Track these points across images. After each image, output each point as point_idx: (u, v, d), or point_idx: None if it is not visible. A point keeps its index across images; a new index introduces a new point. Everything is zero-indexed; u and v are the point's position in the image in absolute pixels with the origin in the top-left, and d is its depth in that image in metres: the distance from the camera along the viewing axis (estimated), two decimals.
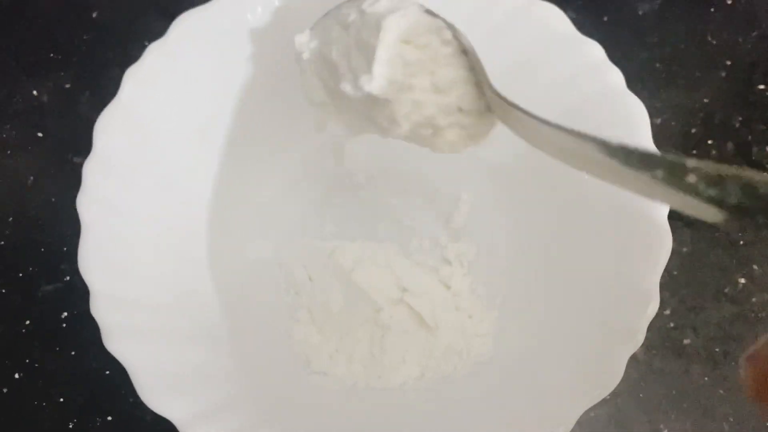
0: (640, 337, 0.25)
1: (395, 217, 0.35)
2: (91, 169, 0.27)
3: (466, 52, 0.24)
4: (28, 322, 0.35)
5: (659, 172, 0.17)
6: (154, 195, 0.30)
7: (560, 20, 0.30)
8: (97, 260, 0.26)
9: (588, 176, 0.30)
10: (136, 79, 0.29)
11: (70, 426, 0.33)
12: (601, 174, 0.20)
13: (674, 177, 0.16)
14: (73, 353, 0.34)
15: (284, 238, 0.35)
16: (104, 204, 0.27)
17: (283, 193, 0.36)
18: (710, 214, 0.16)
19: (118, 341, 0.25)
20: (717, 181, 0.15)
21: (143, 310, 0.27)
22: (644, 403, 0.34)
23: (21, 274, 0.36)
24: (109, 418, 0.33)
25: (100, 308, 0.25)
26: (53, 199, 0.37)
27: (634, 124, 0.28)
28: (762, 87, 0.41)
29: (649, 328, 0.35)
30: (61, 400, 0.33)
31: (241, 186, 0.33)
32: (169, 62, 0.29)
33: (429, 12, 0.25)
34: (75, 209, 0.27)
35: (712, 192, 0.16)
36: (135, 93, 0.28)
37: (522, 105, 0.32)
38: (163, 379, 0.25)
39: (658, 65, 0.42)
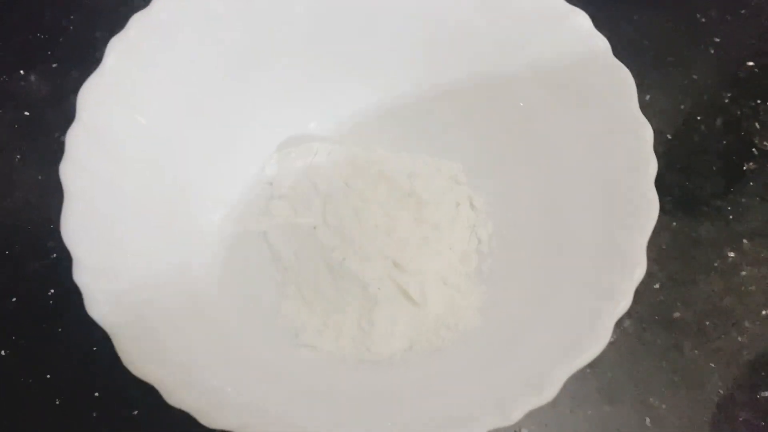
0: (627, 301, 0.25)
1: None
2: (75, 137, 0.27)
3: None
4: (14, 299, 0.35)
5: None
6: (141, 166, 0.29)
7: None
8: (81, 228, 0.26)
9: (578, 144, 0.30)
10: (120, 48, 0.28)
11: (57, 402, 0.33)
12: None
13: None
14: (60, 330, 0.34)
15: (269, 215, 0.34)
16: (87, 172, 0.27)
17: (268, 170, 0.35)
18: None
19: (100, 307, 0.24)
20: None
21: (127, 279, 0.27)
22: (634, 376, 0.34)
23: (8, 252, 0.36)
24: (96, 394, 0.33)
25: (82, 275, 0.25)
26: (40, 177, 0.37)
27: (621, 90, 0.28)
28: (751, 63, 0.41)
29: (639, 302, 0.35)
30: (48, 376, 0.33)
31: (226, 159, 0.33)
32: (153, 32, 0.29)
33: None
34: (61, 187, 0.26)
35: None
36: (120, 62, 0.28)
37: (510, 75, 0.32)
38: (147, 345, 0.25)
39: (646, 42, 0.42)
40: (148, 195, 0.29)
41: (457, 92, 0.34)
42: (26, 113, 0.39)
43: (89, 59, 0.39)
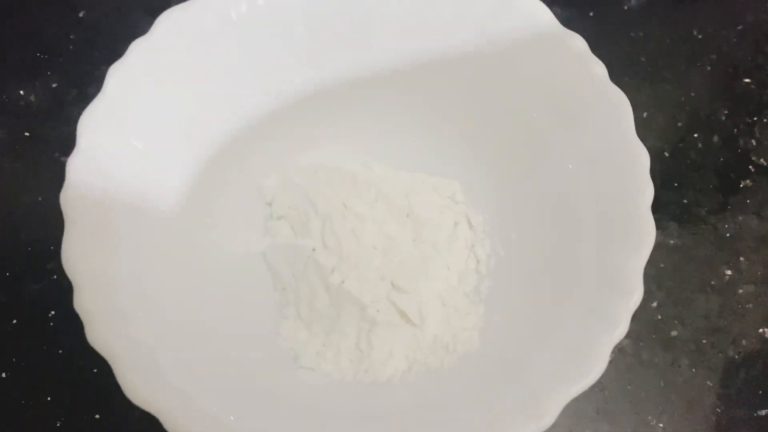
0: (625, 327, 0.25)
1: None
2: (75, 165, 0.27)
3: None
4: (15, 321, 0.35)
5: None
6: (140, 192, 0.29)
7: (543, 13, 0.30)
8: (80, 256, 0.26)
9: (574, 169, 0.30)
10: (120, 76, 0.28)
11: (58, 425, 0.33)
12: None
13: None
14: (60, 351, 0.34)
15: (268, 236, 0.35)
16: (88, 200, 0.27)
17: (267, 191, 0.35)
18: None
19: (100, 335, 0.25)
20: None
21: (127, 305, 0.27)
22: (632, 395, 0.34)
23: (8, 273, 0.36)
24: (97, 416, 0.33)
25: (83, 302, 0.25)
26: (40, 199, 0.37)
27: (617, 115, 0.28)
28: (747, 80, 0.41)
29: (637, 321, 0.35)
30: (49, 398, 0.33)
31: (224, 180, 0.33)
32: (153, 58, 0.29)
33: None
34: (62, 210, 0.26)
35: None
36: (119, 89, 0.28)
37: (507, 97, 0.32)
38: (146, 373, 0.25)
39: (643, 59, 0.42)
40: (148, 221, 0.29)
41: (455, 112, 0.35)
42: (26, 133, 0.39)
43: (89, 79, 0.40)
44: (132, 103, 0.29)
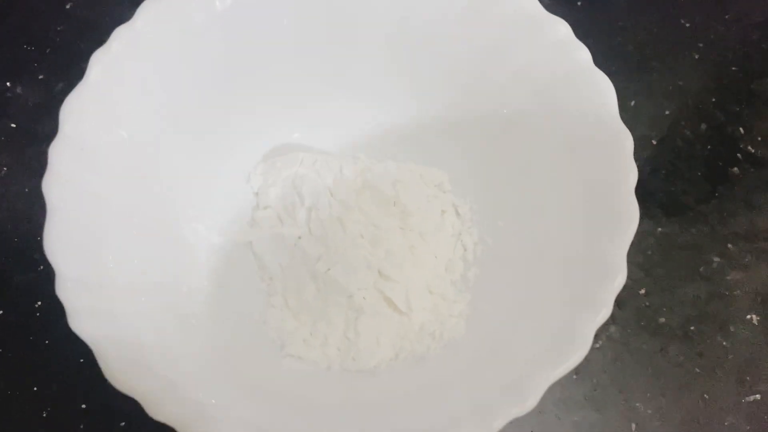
0: (608, 310, 0.25)
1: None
2: (58, 151, 0.27)
3: None
4: (1, 312, 0.35)
5: None
6: (124, 179, 0.29)
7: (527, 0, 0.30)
8: (63, 242, 0.26)
9: (560, 153, 0.30)
10: (103, 62, 0.28)
11: (44, 415, 0.33)
12: None
13: None
14: (46, 342, 0.34)
15: (254, 225, 0.34)
16: (71, 187, 0.27)
17: (253, 181, 0.35)
18: None
19: (82, 321, 0.25)
20: None
21: (111, 292, 0.27)
22: (620, 382, 0.34)
23: None
24: (84, 406, 0.33)
25: (65, 289, 0.25)
26: (26, 190, 0.37)
27: (601, 99, 0.28)
28: (735, 68, 0.41)
29: (625, 308, 0.35)
30: (35, 389, 0.33)
31: (211, 170, 0.33)
32: (135, 46, 0.29)
33: None
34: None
35: None
36: (102, 75, 0.28)
37: (492, 84, 0.32)
38: (130, 359, 0.25)
39: (631, 48, 0.42)
40: (131, 208, 0.29)
41: (441, 101, 0.34)
42: (12, 125, 0.39)
43: (76, 71, 0.39)
44: (116, 90, 0.29)
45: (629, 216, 0.26)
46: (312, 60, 0.34)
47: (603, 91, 0.28)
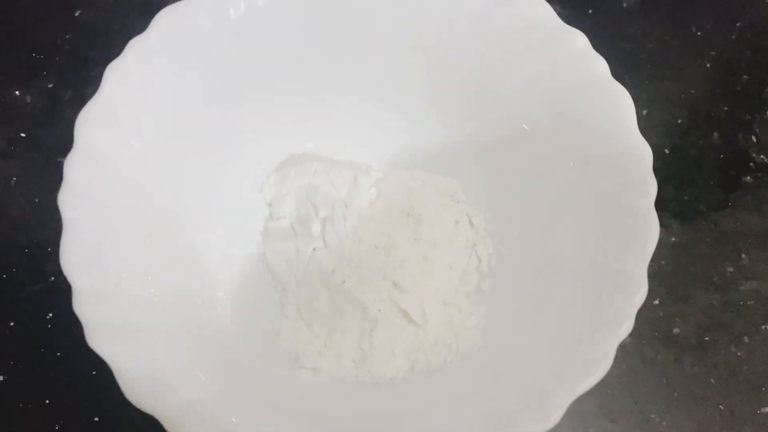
0: (629, 325, 0.25)
1: None
2: (73, 165, 0.27)
3: None
4: (12, 324, 0.34)
5: None
6: (139, 191, 0.29)
7: (544, 10, 0.30)
8: (80, 257, 0.26)
9: (577, 166, 0.30)
10: (117, 74, 0.28)
11: (57, 428, 0.33)
12: None
13: None
14: (58, 354, 0.34)
15: (268, 236, 0.34)
16: (86, 200, 0.27)
17: (267, 192, 0.35)
18: None
19: (101, 338, 0.24)
20: None
21: (127, 307, 0.26)
22: (634, 393, 0.34)
23: (5, 275, 0.35)
24: (96, 419, 0.33)
25: (82, 305, 0.25)
26: (37, 200, 0.37)
27: (619, 111, 0.28)
28: (747, 77, 0.41)
29: (639, 318, 0.35)
30: (47, 401, 0.33)
31: (224, 181, 0.33)
32: (150, 57, 0.29)
33: None
34: (58, 209, 0.26)
35: None
36: (117, 88, 0.28)
37: (507, 94, 0.32)
38: (148, 376, 0.25)
39: (642, 57, 0.42)
40: (146, 220, 0.29)
41: (455, 110, 0.34)
42: (22, 134, 0.39)
43: (85, 79, 0.39)
44: (130, 102, 0.29)
45: (649, 230, 0.26)
46: (325, 69, 0.34)
47: (621, 103, 0.28)
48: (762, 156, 0.39)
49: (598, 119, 0.29)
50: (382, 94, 0.35)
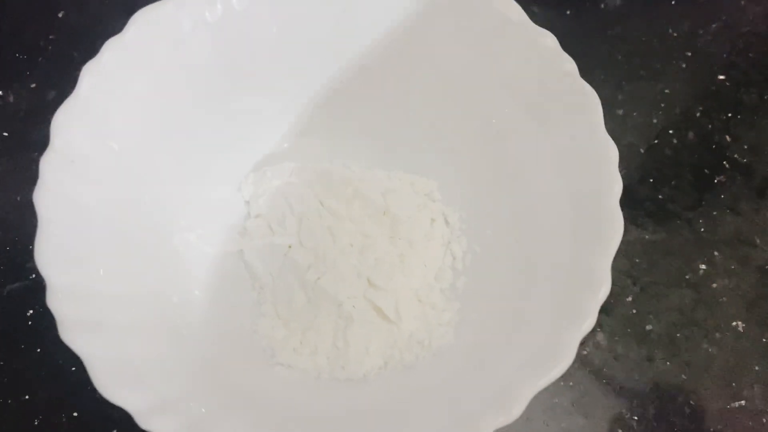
0: (592, 320, 0.26)
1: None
2: (49, 163, 0.27)
3: None
4: None
5: None
6: (115, 190, 0.30)
7: (514, 11, 0.30)
8: (55, 253, 0.26)
9: (545, 164, 0.31)
10: (94, 74, 0.29)
11: (36, 423, 0.33)
12: None
13: None
14: (38, 350, 0.34)
15: (245, 235, 0.35)
16: (62, 198, 0.27)
17: (244, 190, 0.36)
18: None
19: (73, 332, 0.25)
20: None
21: (102, 303, 0.27)
22: (607, 389, 0.34)
23: None
24: (75, 414, 0.33)
25: (56, 301, 0.25)
26: (18, 198, 0.37)
27: (586, 111, 0.29)
28: (722, 77, 0.42)
29: (612, 315, 0.36)
30: (27, 397, 0.34)
31: (201, 180, 0.34)
32: (126, 57, 0.29)
33: None
34: None
35: None
36: (93, 88, 0.29)
37: (480, 95, 0.32)
38: (121, 371, 0.25)
39: (619, 57, 0.42)
40: (122, 219, 0.30)
41: (431, 110, 0.35)
42: (5, 133, 0.39)
43: (68, 80, 0.39)
44: (106, 102, 0.29)
45: (614, 227, 0.27)
46: (301, 70, 0.34)
47: (589, 102, 0.29)
48: (736, 156, 0.40)
49: (567, 118, 0.29)
50: (357, 95, 0.35)
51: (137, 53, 0.30)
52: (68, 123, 0.28)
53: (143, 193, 0.31)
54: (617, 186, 0.27)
